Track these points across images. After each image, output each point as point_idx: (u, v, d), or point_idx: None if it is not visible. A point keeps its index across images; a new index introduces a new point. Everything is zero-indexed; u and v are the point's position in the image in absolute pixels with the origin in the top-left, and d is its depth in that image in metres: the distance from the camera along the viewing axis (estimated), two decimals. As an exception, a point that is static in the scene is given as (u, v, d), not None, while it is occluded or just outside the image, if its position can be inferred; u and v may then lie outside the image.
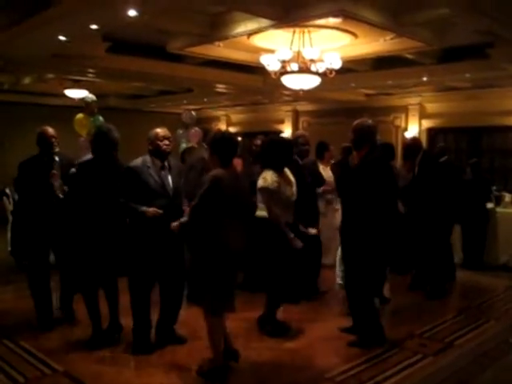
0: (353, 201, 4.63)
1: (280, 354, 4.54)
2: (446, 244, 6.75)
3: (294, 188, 4.82)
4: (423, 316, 5.64)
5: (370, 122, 4.72)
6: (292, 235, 4.67)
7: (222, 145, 4.00)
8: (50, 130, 5.03)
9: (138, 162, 4.42)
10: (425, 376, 4.21)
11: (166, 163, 4.46)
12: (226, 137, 4.14)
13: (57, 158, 5.02)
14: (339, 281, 5.67)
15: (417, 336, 5.04)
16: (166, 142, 4.41)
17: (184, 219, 4.17)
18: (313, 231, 5.49)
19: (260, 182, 4.61)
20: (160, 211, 4.26)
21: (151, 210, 4.26)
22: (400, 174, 6.37)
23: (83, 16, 5.52)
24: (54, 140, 5.02)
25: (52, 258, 5.21)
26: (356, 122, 4.69)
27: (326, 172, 6.68)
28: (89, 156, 5.00)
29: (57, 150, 5.05)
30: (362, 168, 4.56)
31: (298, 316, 5.47)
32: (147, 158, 4.43)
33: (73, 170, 4.89)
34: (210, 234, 3.86)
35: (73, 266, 4.89)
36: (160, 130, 4.45)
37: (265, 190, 4.58)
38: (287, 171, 4.84)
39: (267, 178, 4.60)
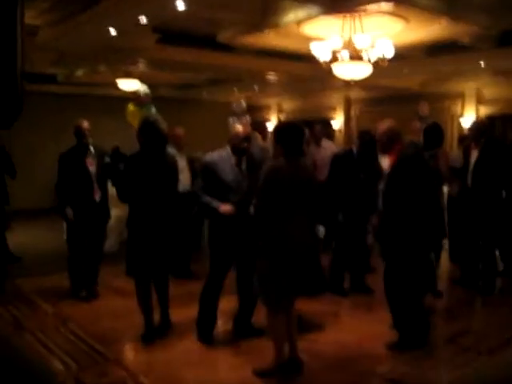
0: (391, 201, 4.44)
1: (326, 349, 4.47)
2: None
3: None
4: (477, 312, 5.45)
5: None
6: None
7: (286, 134, 3.81)
8: (85, 124, 5.67)
9: (214, 155, 4.36)
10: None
11: (243, 159, 4.36)
12: (292, 126, 3.92)
13: (91, 148, 5.65)
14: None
15: (472, 332, 4.87)
16: (245, 144, 4.32)
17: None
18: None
19: None
20: (233, 211, 4.20)
21: (224, 207, 4.22)
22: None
23: (132, 10, 5.57)
24: (87, 132, 5.63)
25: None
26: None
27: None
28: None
29: (89, 140, 5.66)
30: (396, 171, 4.39)
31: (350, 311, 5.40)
32: (224, 152, 4.36)
33: (121, 165, 5.00)
34: (274, 228, 3.73)
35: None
36: (241, 131, 4.33)
37: None
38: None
39: None
